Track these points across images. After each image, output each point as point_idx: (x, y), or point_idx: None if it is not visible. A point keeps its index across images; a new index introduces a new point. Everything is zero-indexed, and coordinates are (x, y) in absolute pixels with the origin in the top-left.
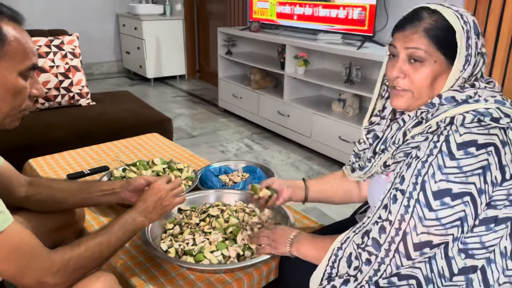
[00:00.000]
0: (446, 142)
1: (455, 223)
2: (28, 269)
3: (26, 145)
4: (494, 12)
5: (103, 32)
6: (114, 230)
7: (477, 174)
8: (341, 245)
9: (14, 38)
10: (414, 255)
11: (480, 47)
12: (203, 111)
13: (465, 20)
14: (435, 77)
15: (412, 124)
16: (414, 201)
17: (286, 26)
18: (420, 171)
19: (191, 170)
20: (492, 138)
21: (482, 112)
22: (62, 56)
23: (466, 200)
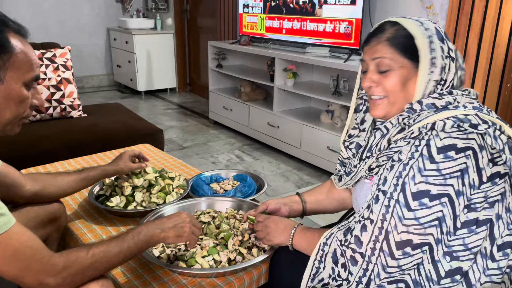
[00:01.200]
0: (427, 146)
1: (433, 223)
2: (30, 271)
3: (17, 156)
4: (474, 30)
5: (94, 46)
6: (126, 239)
7: (455, 177)
8: (326, 241)
9: (21, 50)
10: (397, 254)
11: (447, 51)
12: (194, 123)
13: (426, 27)
14: (405, 82)
15: (396, 131)
16: (394, 201)
17: (275, 39)
18: (401, 173)
19: (183, 178)
20: (470, 142)
21: (461, 119)
22: (54, 69)
23: (444, 201)
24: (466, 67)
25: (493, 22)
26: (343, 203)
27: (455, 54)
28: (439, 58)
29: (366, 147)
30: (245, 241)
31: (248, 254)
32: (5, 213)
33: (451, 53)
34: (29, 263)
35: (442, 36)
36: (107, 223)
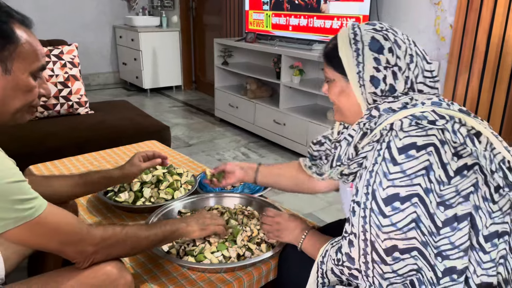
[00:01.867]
0: (387, 149)
1: (410, 226)
2: (70, 242)
3: (25, 153)
4: (483, 26)
5: (100, 44)
6: (154, 227)
7: (420, 175)
8: (323, 259)
9: (26, 40)
10: (389, 260)
11: (386, 62)
12: (199, 120)
13: (358, 39)
14: (340, 93)
15: (359, 137)
16: (369, 211)
17: (282, 36)
18: (369, 180)
19: (190, 174)
20: (430, 138)
21: (418, 116)
22: (61, 66)
23: (415, 201)
24: (474, 64)
25: (503, 18)
26: (300, 186)
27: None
28: (370, 70)
29: (334, 157)
30: (254, 237)
31: (257, 249)
32: (38, 196)
33: (399, 62)
34: (68, 236)
35: (381, 46)
36: (116, 218)
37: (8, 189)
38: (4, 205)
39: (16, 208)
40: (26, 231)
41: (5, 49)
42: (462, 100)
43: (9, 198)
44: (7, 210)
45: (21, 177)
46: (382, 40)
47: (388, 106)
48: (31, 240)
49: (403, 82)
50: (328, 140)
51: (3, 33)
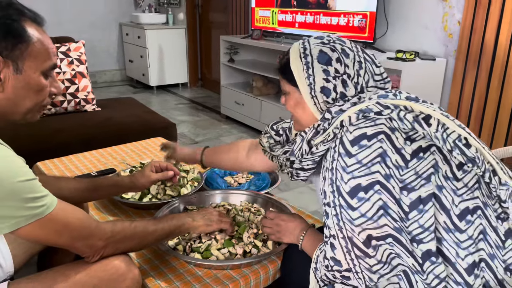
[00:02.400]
0: (341, 144)
1: (379, 213)
2: (80, 237)
3: (33, 150)
4: (492, 24)
5: (106, 41)
6: (161, 221)
7: (377, 162)
8: (316, 265)
9: (38, 39)
10: (371, 252)
11: (334, 72)
12: (205, 118)
13: (307, 53)
14: (296, 105)
15: (311, 134)
16: (339, 208)
17: (288, 33)
18: (331, 179)
19: (197, 171)
20: (379, 127)
21: (364, 110)
22: (69, 63)
23: (377, 188)
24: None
25: (511, 16)
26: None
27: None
28: (320, 81)
29: (289, 150)
30: (260, 234)
31: (264, 246)
32: (48, 193)
33: (348, 70)
34: (79, 231)
35: (329, 58)
36: (123, 215)
37: (20, 187)
38: (16, 204)
39: (28, 206)
40: (37, 228)
41: (16, 48)
42: (470, 97)
43: (21, 196)
44: (19, 208)
45: (31, 175)
46: (330, 52)
47: (338, 108)
48: (42, 236)
49: (353, 88)
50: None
51: (15, 32)
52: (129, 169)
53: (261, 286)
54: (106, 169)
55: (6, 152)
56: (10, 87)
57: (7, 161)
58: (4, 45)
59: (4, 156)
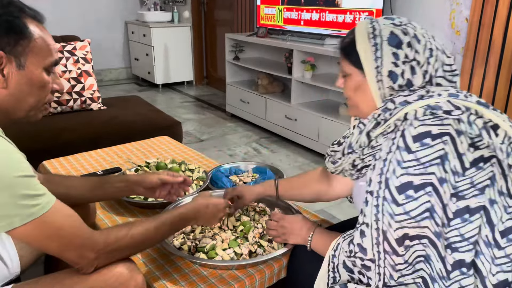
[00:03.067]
0: (402, 137)
1: (424, 215)
2: (71, 246)
3: (39, 149)
4: (500, 20)
5: (112, 39)
6: (161, 217)
7: (435, 164)
8: (335, 252)
9: (39, 35)
10: (400, 251)
11: (404, 56)
12: (211, 116)
13: (376, 33)
14: (356, 88)
15: (372, 126)
16: (382, 199)
17: (293, 31)
18: (382, 169)
19: (202, 170)
20: (446, 128)
21: (433, 106)
22: (74, 61)
23: (429, 190)
24: (490, 59)
25: None
26: (318, 198)
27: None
28: (389, 65)
29: (346, 145)
30: (265, 234)
31: (269, 246)
32: (45, 193)
33: (418, 56)
34: (71, 239)
35: (400, 40)
36: (128, 214)
37: (16, 183)
38: (10, 200)
39: (22, 204)
40: (30, 230)
41: (18, 44)
42: (478, 95)
43: (16, 192)
44: (13, 205)
45: (29, 172)
46: (401, 35)
47: (403, 99)
48: (34, 239)
49: (421, 76)
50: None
51: (16, 28)
52: (135, 168)
53: (266, 285)
54: (111, 168)
55: (6, 146)
56: (13, 83)
57: (6, 155)
58: (6, 41)
59: (4, 150)
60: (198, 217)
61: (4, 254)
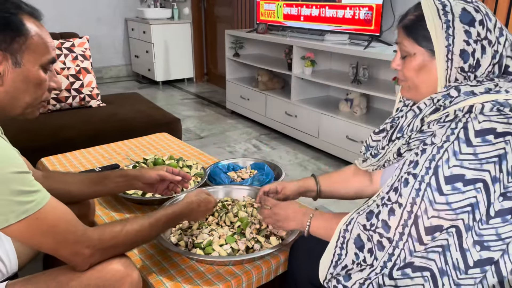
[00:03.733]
0: (464, 129)
1: (465, 209)
2: (66, 242)
3: (38, 145)
4: (501, 11)
5: (112, 37)
6: (158, 222)
7: (492, 162)
8: (347, 227)
9: (35, 33)
10: (426, 240)
11: (477, 35)
12: (211, 112)
13: (447, 10)
14: (420, 69)
15: (429, 111)
16: (426, 185)
17: (293, 27)
18: (434, 156)
19: (200, 167)
20: (511, 127)
21: (501, 103)
22: (73, 58)
23: (479, 186)
24: None
25: None
26: (360, 193)
27: (497, 37)
28: (461, 43)
29: (396, 128)
30: (262, 229)
31: (266, 242)
32: (40, 189)
33: (489, 35)
34: (65, 236)
35: (472, 18)
36: (126, 210)
37: (10, 179)
38: (5, 196)
39: (17, 200)
40: (24, 227)
41: (15, 42)
42: None
43: (10, 188)
44: (8, 202)
45: (24, 168)
46: (474, 12)
47: (470, 89)
48: (28, 237)
49: (490, 57)
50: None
51: (13, 25)
52: (133, 165)
53: (263, 281)
54: (110, 164)
55: (1, 142)
56: (9, 80)
57: (1, 151)
58: (2, 38)
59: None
60: (190, 214)
61: (2, 252)
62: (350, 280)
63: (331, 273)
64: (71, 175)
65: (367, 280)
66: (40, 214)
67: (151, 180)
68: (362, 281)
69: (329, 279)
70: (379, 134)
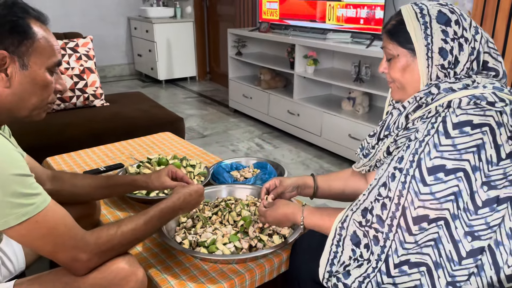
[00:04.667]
0: (442, 123)
1: (449, 198)
2: (64, 247)
3: (42, 145)
4: (503, 12)
5: (115, 36)
6: (152, 219)
7: (471, 152)
8: (342, 224)
9: (42, 36)
10: (414, 230)
11: (453, 33)
12: (213, 111)
13: (424, 13)
14: (404, 69)
15: (412, 108)
16: (410, 177)
17: (295, 26)
18: (417, 150)
19: (203, 166)
20: (487, 119)
21: (477, 96)
22: (77, 58)
23: (460, 175)
24: None
25: None
26: (356, 193)
27: (473, 34)
28: (439, 42)
29: (383, 127)
30: (265, 228)
31: (269, 241)
32: (41, 192)
33: (465, 33)
34: (63, 240)
35: (448, 18)
36: (130, 209)
37: (12, 181)
38: (5, 199)
39: (17, 203)
40: (24, 229)
41: (22, 45)
42: None
43: (11, 190)
44: (8, 204)
45: (26, 171)
46: (449, 13)
47: (449, 86)
48: (28, 239)
49: (467, 54)
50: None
51: (20, 28)
52: (137, 164)
53: (266, 279)
54: (114, 164)
55: (5, 144)
56: (16, 82)
57: (4, 153)
58: (10, 41)
59: (3, 147)
60: (183, 205)
61: (9, 251)
62: (349, 277)
63: (328, 271)
64: (80, 177)
65: (366, 278)
66: (39, 217)
67: (157, 190)
68: (361, 279)
69: (328, 278)
70: (373, 137)
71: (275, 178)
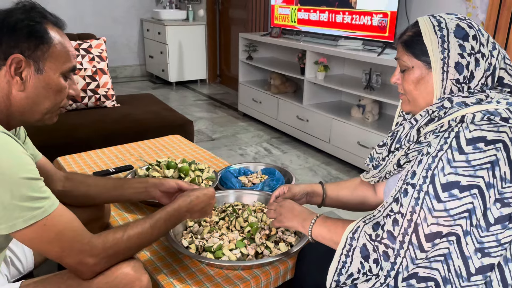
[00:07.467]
0: (456, 138)
1: (463, 215)
2: (71, 251)
3: (53, 144)
4: None
5: (127, 37)
6: (158, 222)
7: (485, 168)
8: (353, 235)
9: (59, 41)
10: (427, 247)
11: (470, 48)
12: (223, 115)
13: (442, 26)
14: (418, 81)
15: (424, 122)
16: (424, 193)
17: (307, 32)
18: (430, 165)
19: (212, 170)
20: (501, 135)
21: (491, 112)
22: (90, 59)
23: (474, 192)
24: None
25: None
26: (364, 203)
27: (490, 50)
28: (455, 56)
29: (395, 139)
30: (272, 235)
31: (275, 248)
32: (49, 196)
33: (483, 49)
34: (71, 244)
35: (466, 33)
36: (138, 211)
37: (21, 184)
38: (13, 202)
39: (26, 206)
40: (32, 233)
41: (38, 49)
42: None
43: (19, 193)
44: (17, 207)
45: (35, 174)
46: (467, 28)
47: (462, 100)
48: (36, 242)
49: (483, 69)
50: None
51: (37, 33)
52: (146, 167)
53: (271, 286)
54: (123, 165)
55: (16, 147)
56: (31, 86)
57: (14, 156)
58: (26, 46)
59: (14, 150)
60: (191, 208)
61: (18, 251)
62: None
63: (335, 281)
64: (93, 179)
65: None
66: (47, 220)
67: (169, 189)
68: None
69: None
70: (382, 147)
71: (283, 185)
